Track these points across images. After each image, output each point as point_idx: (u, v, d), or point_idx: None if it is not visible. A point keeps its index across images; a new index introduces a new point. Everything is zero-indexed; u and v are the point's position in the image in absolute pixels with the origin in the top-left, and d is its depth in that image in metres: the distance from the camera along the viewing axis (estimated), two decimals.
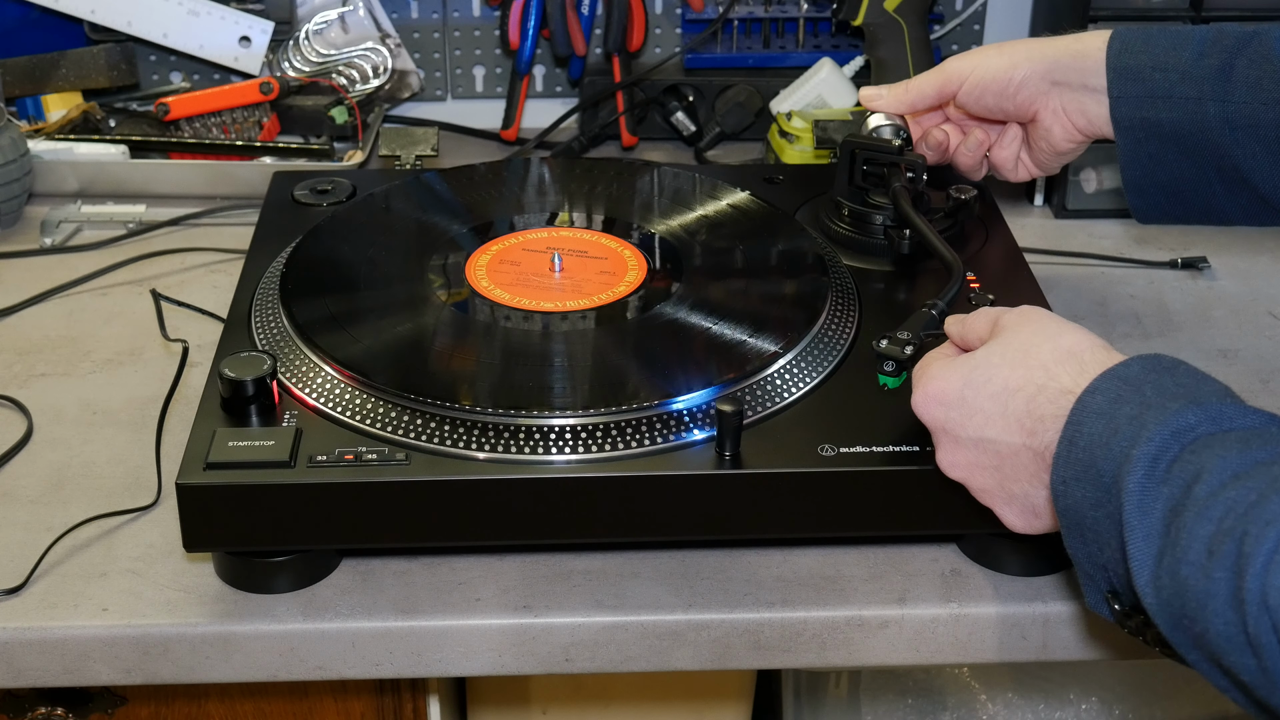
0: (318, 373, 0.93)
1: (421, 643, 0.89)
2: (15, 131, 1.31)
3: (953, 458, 0.82)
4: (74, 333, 1.17)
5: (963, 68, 1.06)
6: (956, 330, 0.87)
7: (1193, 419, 0.70)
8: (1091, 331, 0.81)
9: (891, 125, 1.10)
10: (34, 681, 0.89)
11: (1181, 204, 1.04)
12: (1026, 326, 0.81)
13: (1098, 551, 0.74)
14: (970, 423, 0.80)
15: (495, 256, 1.07)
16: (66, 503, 0.97)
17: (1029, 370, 0.78)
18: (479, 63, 1.54)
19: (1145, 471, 0.69)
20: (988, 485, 0.82)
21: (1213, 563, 0.64)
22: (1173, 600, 0.67)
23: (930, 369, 0.83)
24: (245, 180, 1.35)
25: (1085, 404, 0.74)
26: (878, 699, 1.29)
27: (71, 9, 1.44)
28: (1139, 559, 0.68)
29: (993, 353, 0.81)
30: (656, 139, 1.51)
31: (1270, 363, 1.14)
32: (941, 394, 0.81)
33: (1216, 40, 0.99)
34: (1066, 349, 0.78)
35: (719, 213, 1.13)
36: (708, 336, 0.97)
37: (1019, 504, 0.81)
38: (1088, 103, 1.03)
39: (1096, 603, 0.77)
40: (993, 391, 0.79)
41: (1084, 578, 0.77)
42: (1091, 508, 0.73)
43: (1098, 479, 0.72)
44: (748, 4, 1.49)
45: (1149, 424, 0.70)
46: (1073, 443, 0.74)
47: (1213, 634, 0.65)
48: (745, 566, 0.92)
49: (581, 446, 0.87)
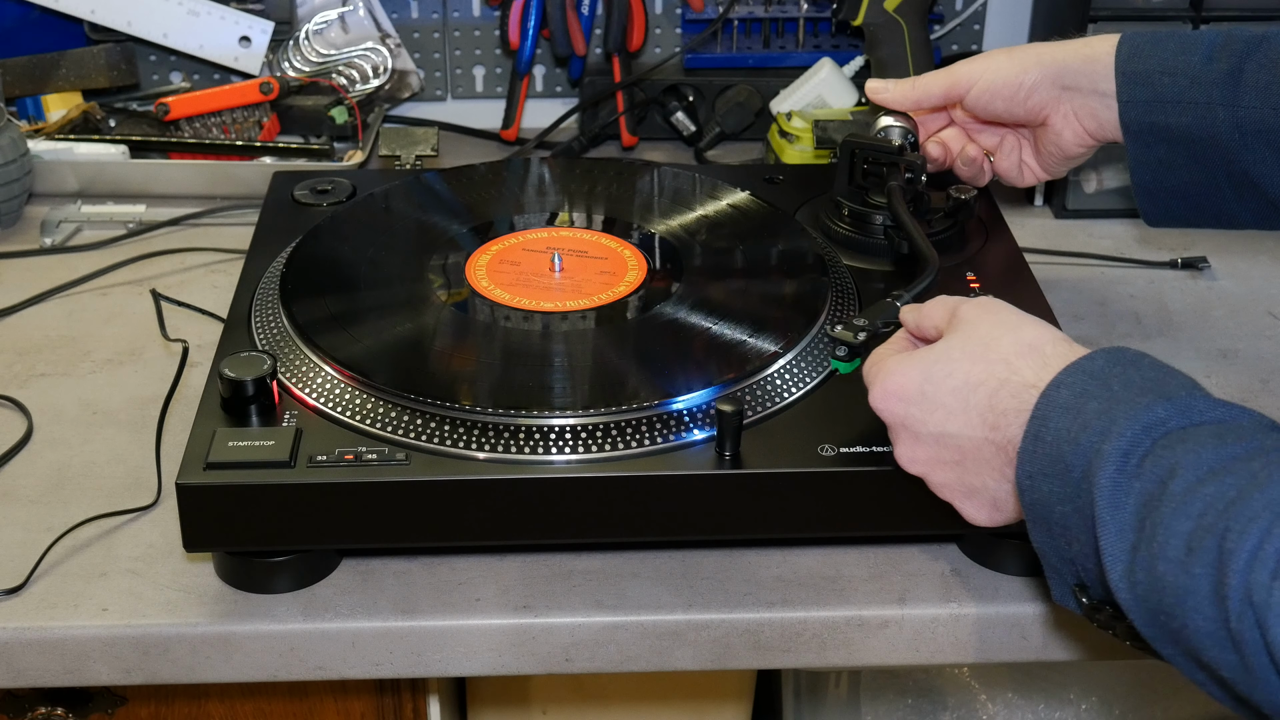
0: (318, 373, 0.93)
1: (421, 643, 0.89)
2: (15, 131, 1.31)
3: (912, 453, 0.82)
4: (74, 333, 1.17)
5: (971, 72, 1.06)
6: (912, 319, 0.87)
7: (1163, 413, 0.70)
8: (1052, 326, 0.80)
9: (900, 127, 1.10)
10: (34, 681, 0.89)
11: (1191, 208, 1.04)
12: (986, 319, 0.81)
13: (1065, 545, 0.74)
14: (931, 418, 0.80)
15: (495, 256, 1.07)
16: (66, 503, 0.97)
17: (990, 364, 0.78)
18: (479, 63, 1.54)
19: (1117, 466, 0.69)
20: (948, 480, 0.82)
21: (1192, 559, 0.64)
22: (1149, 596, 0.67)
23: (887, 364, 0.83)
24: (245, 180, 1.35)
25: (1051, 398, 0.74)
26: (878, 699, 1.29)
27: (71, 9, 1.44)
28: (1112, 554, 0.68)
29: (952, 346, 0.80)
30: (656, 139, 1.51)
31: (1270, 363, 1.14)
32: (901, 389, 0.81)
33: (1225, 44, 0.99)
34: (1028, 342, 0.78)
35: (719, 213, 1.13)
36: (708, 336, 0.97)
37: (980, 498, 0.81)
38: (1097, 107, 1.02)
39: (1063, 596, 0.77)
40: (954, 386, 0.79)
41: (1050, 571, 0.77)
42: (1059, 502, 0.73)
43: (1066, 474, 0.72)
44: (748, 4, 1.49)
45: (1119, 419, 0.70)
46: (1038, 437, 0.73)
47: (1192, 629, 0.65)
48: (745, 566, 0.92)
49: (581, 446, 0.87)
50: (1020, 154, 1.10)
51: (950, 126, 1.12)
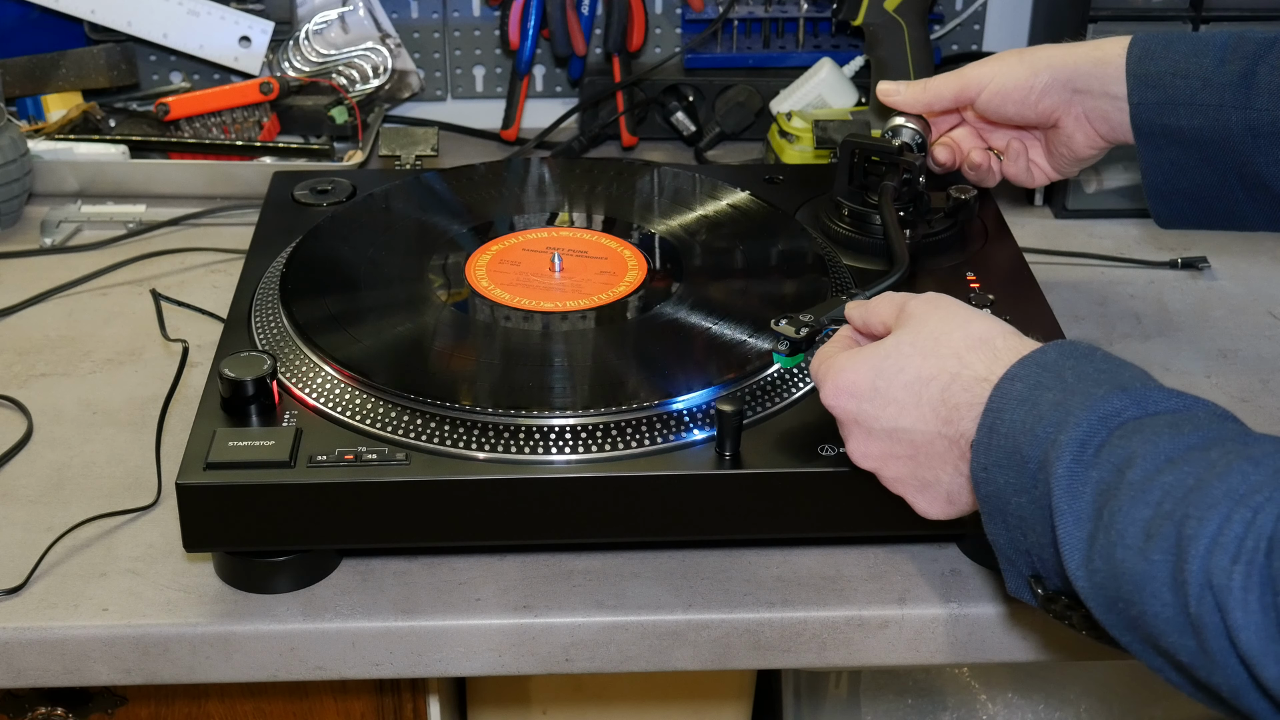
0: (318, 373, 0.93)
1: (421, 643, 0.89)
2: (15, 131, 1.31)
3: (865, 449, 0.82)
4: (74, 333, 1.17)
5: (982, 75, 1.06)
6: (859, 315, 0.87)
7: (1119, 404, 0.70)
8: (1000, 324, 0.81)
9: (911, 128, 1.10)
10: (34, 681, 0.89)
11: (1203, 210, 1.04)
12: (935, 314, 0.81)
13: (1021, 537, 0.74)
14: (884, 414, 0.80)
15: (495, 256, 1.07)
16: (66, 503, 0.97)
17: (941, 359, 0.79)
18: (479, 63, 1.54)
19: (1074, 456, 0.69)
20: (901, 474, 0.82)
21: (1151, 546, 0.65)
22: (1107, 583, 0.67)
23: (836, 361, 0.83)
24: (245, 180, 1.35)
25: (1005, 391, 0.74)
26: (878, 699, 1.29)
27: (71, 9, 1.44)
28: (1070, 543, 0.69)
29: (902, 341, 0.81)
30: (656, 139, 1.51)
31: (1270, 363, 1.14)
32: (852, 386, 0.81)
33: (1237, 46, 0.99)
34: (978, 336, 0.79)
35: (719, 213, 1.13)
36: (708, 336, 0.97)
37: (933, 491, 0.81)
38: (1109, 110, 1.02)
39: (1018, 588, 0.77)
40: (905, 381, 0.79)
41: (1005, 563, 0.77)
42: (1015, 493, 0.73)
43: (1022, 465, 0.72)
44: (748, 4, 1.49)
45: (1074, 409, 0.70)
46: (993, 430, 0.74)
47: (1150, 615, 0.65)
48: (745, 566, 0.92)
49: (581, 446, 0.87)
50: (1031, 155, 1.10)
51: (961, 126, 1.12)
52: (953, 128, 1.12)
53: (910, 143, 1.09)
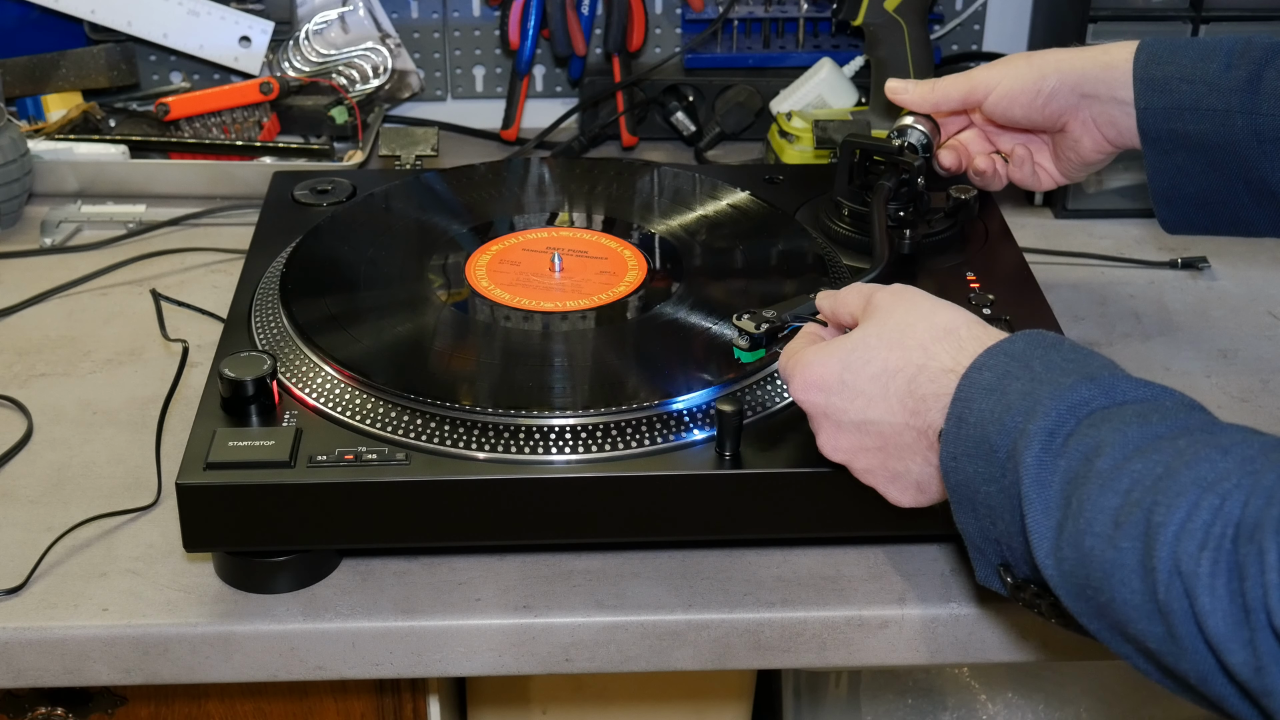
0: (318, 373, 0.93)
1: (421, 643, 0.89)
2: (15, 131, 1.31)
3: (835, 442, 0.83)
4: (74, 333, 1.17)
5: (990, 78, 1.06)
6: (828, 305, 0.88)
7: (1087, 393, 0.70)
8: (966, 316, 0.81)
9: (920, 130, 1.10)
10: (34, 681, 0.89)
11: (1209, 215, 1.04)
12: (900, 306, 0.82)
13: (990, 525, 0.74)
14: (852, 406, 0.81)
15: (495, 256, 1.07)
16: (66, 503, 0.97)
17: (907, 351, 0.79)
18: (479, 63, 1.54)
19: (1042, 445, 0.69)
20: (871, 466, 0.82)
21: (1120, 533, 0.65)
22: (1075, 571, 0.67)
23: (804, 355, 0.83)
24: (245, 180, 1.35)
25: (973, 380, 0.75)
26: (878, 699, 1.29)
27: (71, 9, 1.44)
28: (1039, 531, 0.69)
29: (869, 334, 0.81)
30: (656, 139, 1.51)
31: (1270, 363, 1.14)
32: (821, 379, 0.82)
33: (1244, 51, 0.98)
34: (943, 327, 0.79)
35: (719, 213, 1.13)
36: (708, 336, 0.97)
37: (903, 481, 0.82)
38: (1116, 114, 1.02)
39: (987, 576, 0.78)
40: (873, 374, 0.80)
41: (974, 552, 0.77)
42: (984, 483, 0.73)
43: (990, 454, 0.72)
44: (748, 4, 1.49)
45: (1043, 399, 0.71)
46: (962, 420, 0.74)
47: (1119, 602, 0.65)
48: (745, 566, 0.92)
49: (581, 446, 0.87)
50: (1038, 159, 1.10)
51: (969, 128, 1.12)
52: (960, 130, 1.12)
53: (916, 144, 1.09)
